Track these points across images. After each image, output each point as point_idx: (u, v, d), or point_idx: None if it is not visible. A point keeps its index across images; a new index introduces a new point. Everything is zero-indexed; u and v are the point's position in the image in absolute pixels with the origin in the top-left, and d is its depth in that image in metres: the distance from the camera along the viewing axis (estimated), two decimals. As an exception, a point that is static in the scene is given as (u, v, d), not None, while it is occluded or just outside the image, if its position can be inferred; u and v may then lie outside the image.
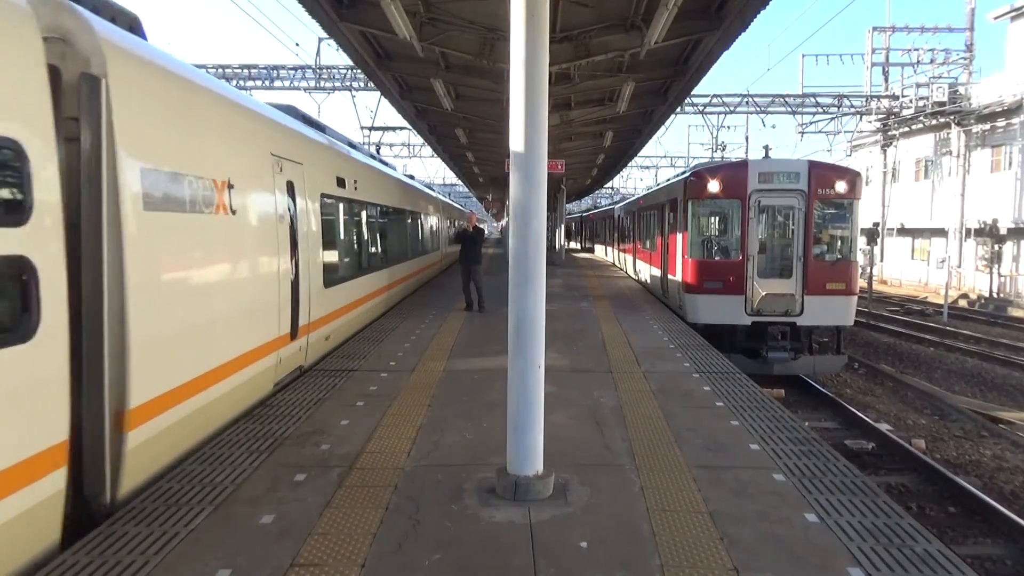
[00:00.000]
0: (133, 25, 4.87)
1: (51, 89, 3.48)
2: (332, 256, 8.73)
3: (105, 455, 3.89)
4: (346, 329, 9.43)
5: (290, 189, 7.00)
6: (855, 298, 11.60)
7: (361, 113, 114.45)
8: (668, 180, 16.63)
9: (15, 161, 3.23)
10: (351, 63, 11.29)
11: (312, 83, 26.30)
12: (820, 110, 29.50)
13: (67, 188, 3.63)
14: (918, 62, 31.23)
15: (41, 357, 3.34)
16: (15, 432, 3.19)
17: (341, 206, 9.33)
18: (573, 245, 48.99)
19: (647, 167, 47.41)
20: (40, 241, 3.34)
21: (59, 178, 3.49)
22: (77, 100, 3.82)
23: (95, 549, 3.50)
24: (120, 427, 4.02)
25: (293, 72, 26.26)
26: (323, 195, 8.33)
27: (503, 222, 52.26)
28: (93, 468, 3.85)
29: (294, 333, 7.03)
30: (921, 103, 29.07)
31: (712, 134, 34.08)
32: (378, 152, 29.42)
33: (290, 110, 8.46)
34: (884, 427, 9.49)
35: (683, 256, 12.26)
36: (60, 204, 3.49)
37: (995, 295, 24.74)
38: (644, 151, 31.07)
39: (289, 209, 6.91)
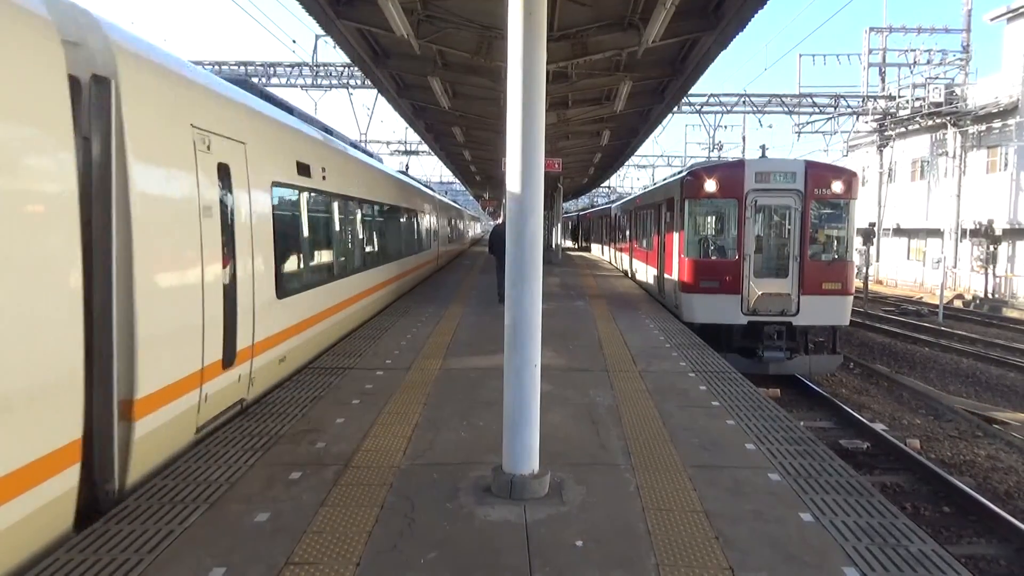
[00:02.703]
0: None
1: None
2: None
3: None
4: None
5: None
6: (851, 298, 11.63)
7: (359, 112, 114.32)
8: (665, 179, 16.64)
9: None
10: (348, 61, 11.27)
11: (309, 80, 26.27)
12: (817, 110, 29.55)
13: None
14: (915, 63, 31.27)
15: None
16: None
17: None
18: (569, 244, 48.99)
19: (644, 166, 47.44)
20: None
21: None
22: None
23: (89, 547, 3.48)
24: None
25: (290, 69, 26.19)
26: None
27: (499, 221, 52.16)
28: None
29: None
30: (917, 104, 29.13)
31: (709, 134, 34.17)
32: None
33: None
34: (879, 427, 9.52)
35: (680, 255, 12.27)
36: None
37: (990, 296, 24.83)
38: (641, 150, 31.19)
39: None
